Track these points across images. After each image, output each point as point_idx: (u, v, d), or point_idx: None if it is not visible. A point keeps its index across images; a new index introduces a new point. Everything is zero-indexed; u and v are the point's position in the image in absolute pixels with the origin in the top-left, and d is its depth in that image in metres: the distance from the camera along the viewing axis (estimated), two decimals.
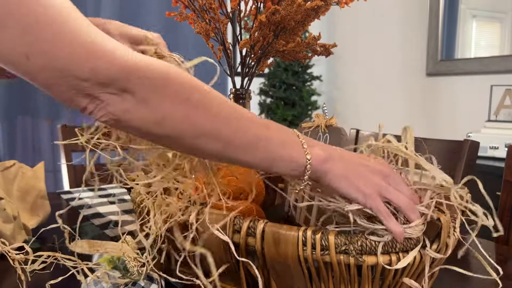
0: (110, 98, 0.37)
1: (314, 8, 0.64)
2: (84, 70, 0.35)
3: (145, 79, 0.38)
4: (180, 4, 0.73)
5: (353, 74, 2.79)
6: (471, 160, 0.99)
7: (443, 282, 0.45)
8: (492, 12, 2.12)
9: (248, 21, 0.74)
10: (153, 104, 0.38)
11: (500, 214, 0.95)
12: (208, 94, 0.41)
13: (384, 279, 0.43)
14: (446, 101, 2.24)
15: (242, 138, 0.42)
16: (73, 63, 0.35)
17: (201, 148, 0.42)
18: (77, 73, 0.35)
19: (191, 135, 0.40)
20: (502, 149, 1.68)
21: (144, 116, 0.39)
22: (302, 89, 2.71)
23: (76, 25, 0.35)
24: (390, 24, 2.50)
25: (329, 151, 0.45)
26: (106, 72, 0.36)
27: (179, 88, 0.40)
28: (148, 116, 0.39)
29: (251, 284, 0.50)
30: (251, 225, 0.45)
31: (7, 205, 0.71)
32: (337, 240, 0.41)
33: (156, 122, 0.39)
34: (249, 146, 0.42)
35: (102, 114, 0.38)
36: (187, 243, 0.44)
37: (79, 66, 0.35)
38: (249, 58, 0.72)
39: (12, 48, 0.34)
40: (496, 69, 1.99)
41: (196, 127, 0.40)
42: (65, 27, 0.35)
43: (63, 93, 0.36)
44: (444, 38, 2.23)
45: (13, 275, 0.61)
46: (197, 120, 0.40)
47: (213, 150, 0.42)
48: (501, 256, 0.77)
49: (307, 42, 0.71)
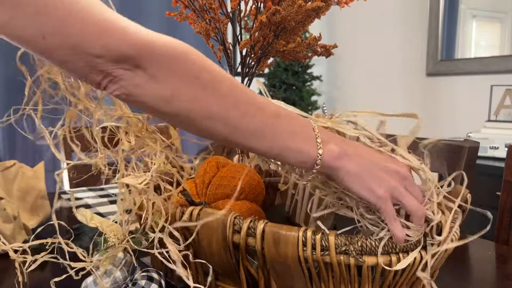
0: (123, 74, 0.38)
1: (314, 8, 0.64)
2: (97, 47, 0.36)
3: (156, 56, 0.38)
4: (180, 4, 0.72)
5: (353, 74, 2.79)
6: (471, 160, 0.99)
7: (443, 282, 0.45)
8: (492, 12, 2.12)
9: (248, 21, 0.74)
10: (163, 81, 0.39)
11: (500, 214, 0.95)
12: (219, 76, 0.41)
13: (384, 279, 0.43)
14: (446, 101, 2.24)
15: (249, 124, 0.42)
16: (86, 40, 0.36)
17: (210, 131, 0.42)
18: (90, 50, 0.36)
19: (199, 115, 0.40)
20: (502, 149, 1.68)
21: (154, 92, 0.39)
22: (302, 89, 2.71)
23: (88, 3, 0.36)
24: (390, 24, 2.50)
25: (344, 147, 0.44)
26: (118, 48, 0.37)
27: (189, 67, 0.40)
28: (157, 92, 0.39)
29: (251, 284, 0.50)
30: (251, 225, 0.45)
31: (7, 205, 0.71)
32: (337, 240, 0.41)
33: (165, 98, 0.39)
34: (255, 132, 0.42)
35: (115, 88, 0.39)
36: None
37: (91, 43, 0.36)
38: (249, 58, 0.72)
39: (28, 28, 0.35)
40: (496, 69, 1.99)
41: (204, 108, 0.40)
42: (78, 6, 0.36)
43: (78, 69, 0.37)
44: (444, 38, 2.23)
45: (13, 275, 0.61)
46: (205, 101, 0.40)
47: (221, 133, 0.42)
48: (501, 256, 0.77)
49: (307, 43, 0.71)
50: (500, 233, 0.94)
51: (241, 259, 0.49)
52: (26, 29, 0.35)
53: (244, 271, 0.49)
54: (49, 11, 0.35)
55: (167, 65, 0.39)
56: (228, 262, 0.49)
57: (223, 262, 0.49)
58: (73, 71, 0.38)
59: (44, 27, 0.35)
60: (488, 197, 1.42)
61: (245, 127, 0.42)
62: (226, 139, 0.42)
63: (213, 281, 0.54)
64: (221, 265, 0.50)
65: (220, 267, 0.50)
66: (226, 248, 0.47)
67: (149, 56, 0.38)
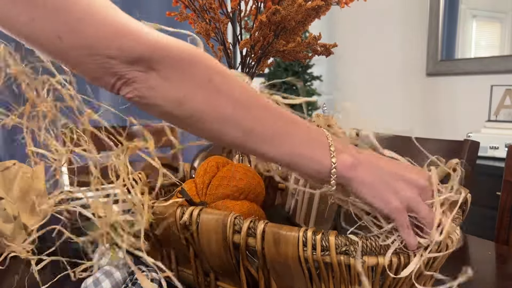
0: (137, 76, 0.38)
1: (314, 8, 0.63)
2: (112, 48, 0.36)
3: (170, 58, 0.39)
4: (180, 4, 0.72)
5: (353, 74, 2.79)
6: (471, 160, 0.99)
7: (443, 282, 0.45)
8: (492, 12, 2.12)
9: (249, 21, 0.74)
10: (176, 83, 0.39)
11: (500, 214, 0.95)
12: (231, 80, 0.41)
13: (385, 279, 0.43)
14: (446, 101, 2.24)
15: (262, 129, 0.41)
16: (101, 41, 0.36)
17: (222, 134, 0.41)
18: (105, 51, 0.36)
19: (211, 118, 0.40)
20: (502, 149, 1.68)
21: (167, 94, 0.39)
22: None
23: (104, 5, 0.37)
24: (390, 24, 2.50)
25: (358, 157, 0.42)
26: (132, 50, 0.37)
27: (202, 69, 0.40)
28: (170, 95, 0.39)
29: (251, 284, 0.50)
30: (251, 226, 0.45)
31: (7, 205, 0.71)
32: (337, 240, 0.41)
33: (178, 101, 0.39)
34: (269, 137, 0.41)
35: (128, 90, 0.39)
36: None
37: (107, 44, 0.36)
38: (249, 58, 0.72)
39: (45, 28, 0.35)
40: (496, 69, 1.99)
41: (217, 110, 0.40)
42: (93, 7, 0.36)
43: (92, 71, 0.38)
44: (444, 38, 2.23)
45: (13, 275, 0.61)
46: (218, 103, 0.40)
47: (233, 138, 0.41)
48: (501, 256, 0.77)
49: (307, 42, 0.71)
50: (500, 233, 0.94)
51: (241, 259, 0.49)
52: (44, 30, 0.35)
53: (244, 271, 0.49)
54: (66, 11, 0.35)
55: (181, 68, 0.39)
56: (228, 262, 0.49)
57: (223, 262, 0.49)
58: (87, 73, 0.38)
59: (61, 27, 0.35)
60: (488, 197, 1.42)
61: (258, 132, 0.41)
62: (237, 143, 0.42)
63: (213, 281, 0.54)
64: (221, 265, 0.50)
65: (220, 267, 0.50)
66: (226, 248, 0.47)
67: (163, 58, 0.38)
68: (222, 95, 0.40)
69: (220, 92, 0.40)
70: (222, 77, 0.41)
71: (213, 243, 0.48)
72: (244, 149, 0.43)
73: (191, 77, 0.39)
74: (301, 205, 0.64)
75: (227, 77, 0.41)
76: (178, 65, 0.39)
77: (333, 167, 0.41)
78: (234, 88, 0.41)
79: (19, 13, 0.34)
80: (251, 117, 0.41)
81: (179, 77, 0.39)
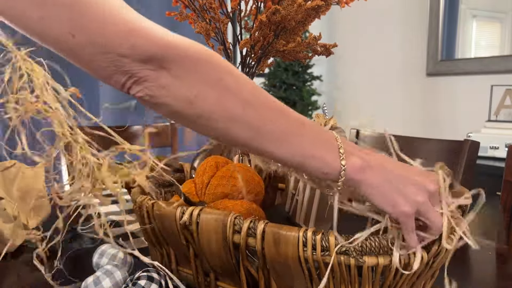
0: (148, 74, 0.38)
1: (314, 8, 0.63)
2: (124, 46, 0.36)
3: (181, 57, 0.39)
4: (180, 4, 0.72)
5: (353, 74, 2.79)
6: (471, 160, 0.99)
7: (443, 282, 0.45)
8: (492, 12, 2.12)
9: (249, 21, 0.74)
10: (187, 82, 0.39)
11: (500, 214, 0.95)
12: (242, 79, 0.41)
13: (385, 279, 0.43)
14: (446, 101, 2.24)
15: (272, 128, 0.41)
16: (114, 39, 0.36)
17: (231, 134, 0.41)
18: (118, 49, 0.36)
19: (221, 117, 0.40)
20: (502, 149, 1.68)
21: (178, 93, 0.39)
22: (302, 89, 2.71)
23: (117, 3, 0.37)
24: (390, 24, 2.50)
25: (367, 159, 0.42)
26: (144, 48, 0.37)
27: (213, 69, 0.40)
28: (181, 94, 0.39)
29: (251, 284, 0.50)
30: (251, 226, 0.45)
31: (7, 205, 0.71)
32: (337, 241, 0.41)
33: (188, 100, 0.39)
34: (278, 138, 0.41)
35: (139, 89, 0.39)
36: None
37: (120, 42, 0.36)
38: (250, 58, 0.72)
39: (60, 25, 0.35)
40: (496, 69, 1.99)
41: (227, 110, 0.40)
42: (106, 5, 0.36)
43: (104, 69, 0.38)
44: (444, 38, 2.23)
45: (13, 275, 0.61)
46: (228, 103, 0.40)
47: (243, 138, 0.41)
48: (501, 256, 0.77)
49: (307, 42, 0.71)
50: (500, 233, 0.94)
51: (241, 259, 0.49)
52: (58, 27, 0.35)
53: (244, 271, 0.49)
54: (80, 9, 0.35)
55: (192, 67, 0.39)
56: (228, 262, 0.49)
57: (223, 262, 0.49)
58: (98, 71, 0.38)
59: (75, 24, 0.35)
60: (488, 197, 1.42)
61: (267, 132, 0.41)
62: (246, 143, 0.42)
63: (213, 281, 0.54)
64: (221, 265, 0.50)
65: (220, 267, 0.50)
66: (226, 248, 0.47)
67: (174, 57, 0.38)
68: (233, 94, 0.40)
69: (231, 91, 0.40)
70: (232, 77, 0.41)
71: (213, 243, 0.48)
72: (252, 149, 0.43)
73: (202, 76, 0.39)
74: (301, 205, 0.64)
75: (237, 77, 0.41)
76: (190, 64, 0.39)
77: (343, 169, 0.41)
78: (244, 88, 0.41)
79: (30, 11, 0.35)
80: (261, 117, 0.41)
81: (190, 76, 0.39)
